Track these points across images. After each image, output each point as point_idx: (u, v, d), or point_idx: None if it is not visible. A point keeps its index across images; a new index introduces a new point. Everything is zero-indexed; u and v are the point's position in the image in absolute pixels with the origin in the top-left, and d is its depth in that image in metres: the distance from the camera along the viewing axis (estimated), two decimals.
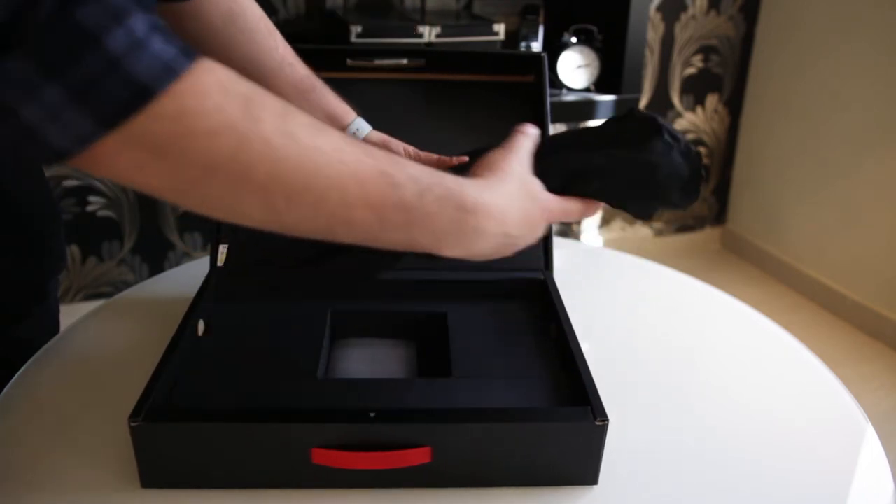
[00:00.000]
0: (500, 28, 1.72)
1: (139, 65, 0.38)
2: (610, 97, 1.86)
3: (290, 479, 0.58)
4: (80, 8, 0.37)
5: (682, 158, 0.61)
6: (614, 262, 1.04)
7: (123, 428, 0.56)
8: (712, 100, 2.42)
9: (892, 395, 1.86)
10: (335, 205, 0.45)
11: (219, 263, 0.80)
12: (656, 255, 2.31)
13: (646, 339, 0.83)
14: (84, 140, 0.39)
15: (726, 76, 2.41)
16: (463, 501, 0.58)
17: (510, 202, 0.54)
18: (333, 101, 0.72)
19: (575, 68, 1.87)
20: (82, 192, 1.96)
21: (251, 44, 0.70)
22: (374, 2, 1.95)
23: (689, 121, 2.42)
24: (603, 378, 0.63)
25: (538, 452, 0.58)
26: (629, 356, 0.79)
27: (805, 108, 2.26)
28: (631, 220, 2.50)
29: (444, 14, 1.94)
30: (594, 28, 1.87)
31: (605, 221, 2.51)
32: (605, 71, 1.88)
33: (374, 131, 0.73)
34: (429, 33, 1.68)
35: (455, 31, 1.71)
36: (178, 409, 0.60)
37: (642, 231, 2.53)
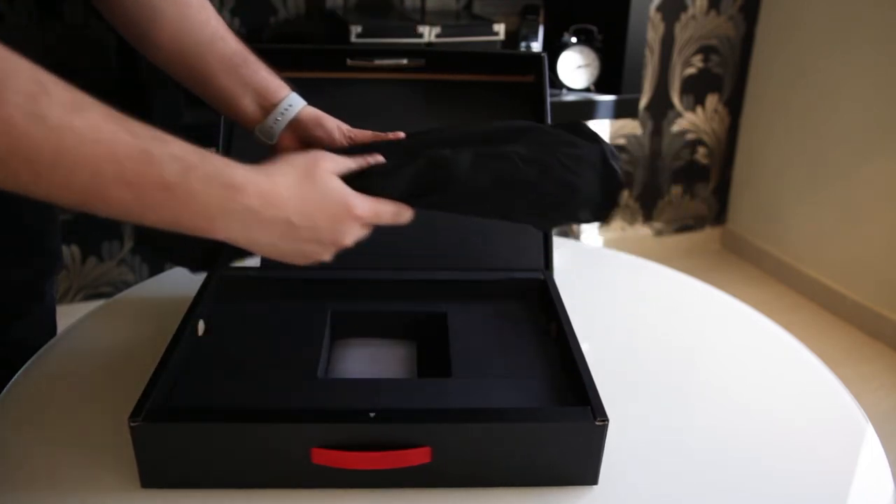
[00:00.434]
0: (500, 28, 1.72)
1: None
2: (610, 97, 1.86)
3: (290, 479, 0.58)
4: None
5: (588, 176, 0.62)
6: (614, 262, 1.04)
7: (123, 428, 0.56)
8: (712, 100, 2.42)
9: (892, 395, 1.86)
10: (87, 182, 0.46)
11: None
12: (656, 255, 2.31)
13: (646, 339, 0.83)
14: None
15: (726, 76, 2.41)
16: (463, 501, 0.58)
17: (288, 187, 0.54)
18: (266, 77, 0.70)
19: (575, 68, 1.87)
20: None
21: (182, 18, 0.68)
22: (374, 2, 1.95)
23: (689, 121, 2.42)
24: (603, 378, 0.63)
25: (538, 452, 0.58)
26: (629, 356, 0.79)
27: (805, 108, 2.26)
28: (631, 220, 2.50)
29: (444, 14, 1.94)
30: (594, 28, 1.87)
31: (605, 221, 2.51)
32: (605, 71, 1.87)
33: (309, 107, 0.71)
34: (429, 33, 1.67)
35: (455, 31, 1.71)
36: (178, 409, 0.60)
37: (642, 231, 2.53)
